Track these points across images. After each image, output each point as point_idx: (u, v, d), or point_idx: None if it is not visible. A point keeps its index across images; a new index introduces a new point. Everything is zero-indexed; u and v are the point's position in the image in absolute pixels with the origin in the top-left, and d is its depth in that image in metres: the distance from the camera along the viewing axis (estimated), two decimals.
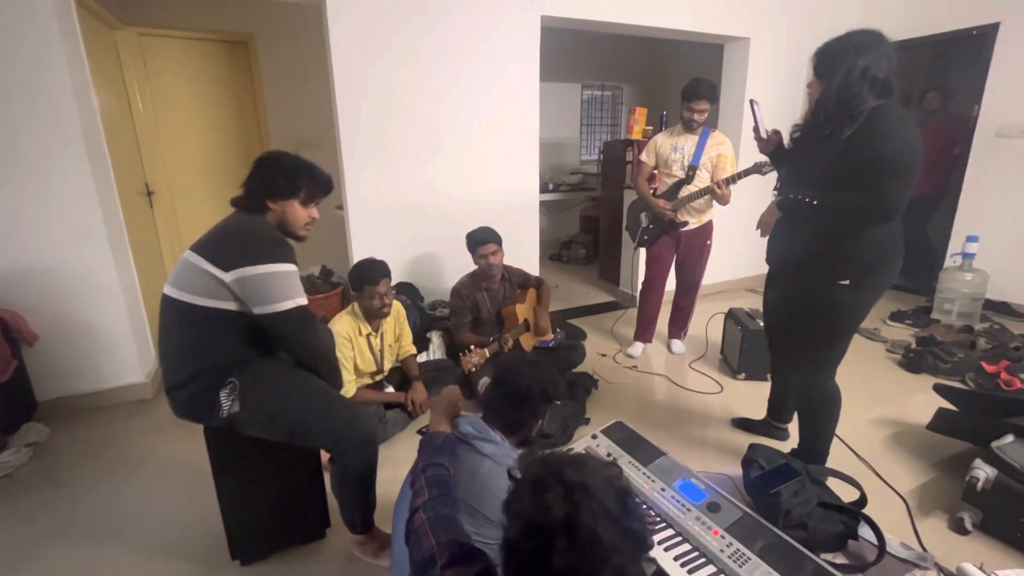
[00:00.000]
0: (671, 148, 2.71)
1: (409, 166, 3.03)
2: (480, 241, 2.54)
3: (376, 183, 2.96)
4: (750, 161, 2.41)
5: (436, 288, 3.26)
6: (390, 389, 2.40)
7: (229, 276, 1.29)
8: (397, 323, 2.38)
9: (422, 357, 2.65)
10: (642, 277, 3.04)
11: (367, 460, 1.48)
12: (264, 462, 1.50)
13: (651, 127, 4.00)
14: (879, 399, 2.52)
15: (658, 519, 1.46)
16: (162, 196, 3.56)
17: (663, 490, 1.54)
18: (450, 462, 1.09)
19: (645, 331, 3.09)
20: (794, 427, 2.03)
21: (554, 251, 5.64)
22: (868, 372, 2.82)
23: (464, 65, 3.03)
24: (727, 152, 2.65)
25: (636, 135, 3.94)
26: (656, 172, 2.84)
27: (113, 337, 2.48)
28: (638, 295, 3.16)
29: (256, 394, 1.36)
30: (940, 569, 1.48)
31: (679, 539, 1.40)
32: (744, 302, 3.59)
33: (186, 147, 3.66)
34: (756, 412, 2.30)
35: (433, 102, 3.00)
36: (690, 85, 2.55)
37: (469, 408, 1.34)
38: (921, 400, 2.45)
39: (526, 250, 3.48)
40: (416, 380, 2.38)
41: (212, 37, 3.65)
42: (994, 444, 1.70)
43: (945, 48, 4.20)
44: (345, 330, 2.15)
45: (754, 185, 2.68)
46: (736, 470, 1.83)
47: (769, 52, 3.85)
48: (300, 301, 1.35)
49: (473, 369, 2.32)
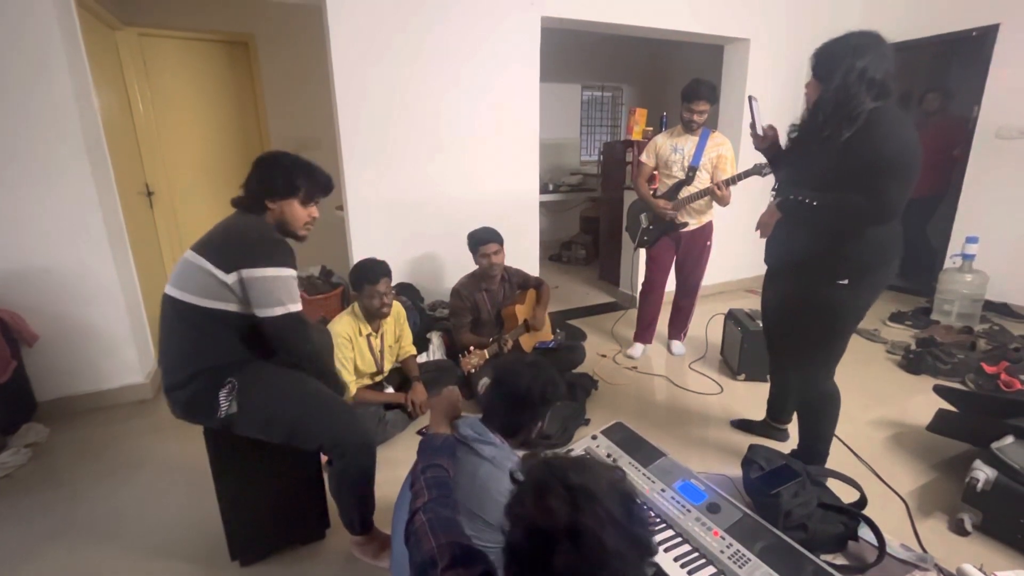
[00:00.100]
0: (671, 149, 2.71)
1: (409, 166, 3.03)
2: (482, 240, 2.55)
3: (376, 183, 2.96)
4: (750, 162, 2.40)
5: (436, 289, 3.26)
6: (390, 390, 2.40)
7: (231, 277, 1.30)
8: (397, 324, 2.38)
9: (422, 358, 2.65)
10: (642, 278, 3.04)
11: (365, 462, 1.48)
12: (264, 463, 1.50)
13: (651, 128, 4.01)
14: (879, 400, 2.52)
15: (658, 520, 1.46)
16: (162, 196, 3.56)
17: (663, 491, 1.54)
18: (450, 464, 1.08)
19: (645, 332, 3.09)
20: (794, 428, 2.04)
21: (554, 252, 5.64)
22: (868, 373, 2.82)
23: (464, 65, 3.03)
24: (727, 153, 2.65)
25: (636, 136, 3.94)
26: (656, 173, 2.84)
27: (113, 337, 2.48)
28: (638, 296, 3.16)
29: (254, 395, 1.36)
30: (940, 570, 1.48)
31: (679, 540, 1.40)
32: (744, 303, 3.59)
33: (186, 147, 3.66)
34: (756, 413, 2.30)
35: (433, 102, 3.00)
36: (690, 86, 2.55)
37: (469, 409, 1.34)
38: (921, 401, 2.45)
39: (526, 251, 3.48)
40: (416, 381, 2.38)
41: (212, 37, 3.65)
42: (994, 445, 1.70)
43: (945, 49, 4.21)
44: (345, 331, 2.15)
45: (754, 186, 2.68)
46: (736, 471, 1.83)
47: (769, 53, 3.86)
48: (292, 308, 1.35)
49: (473, 370, 2.32)
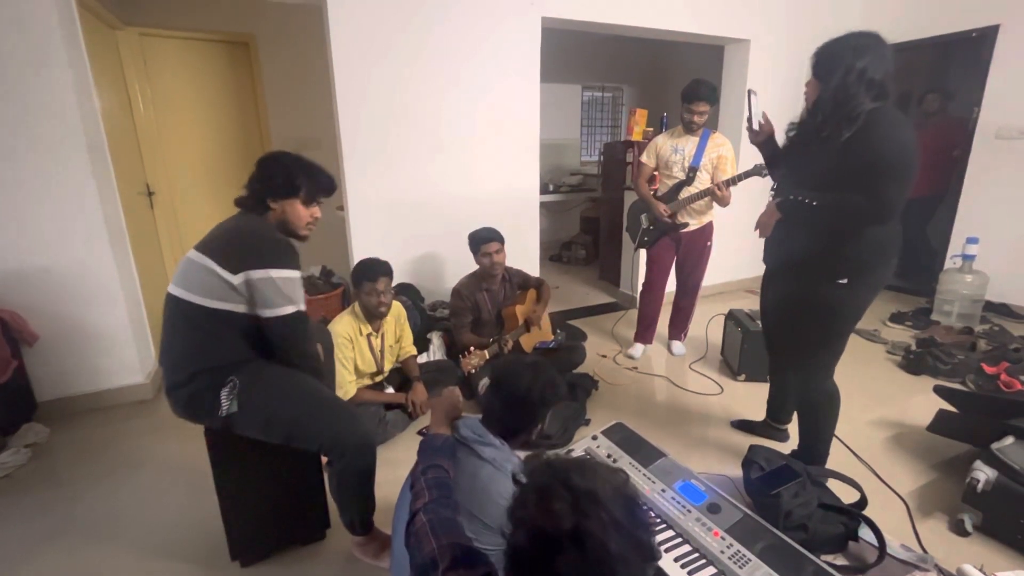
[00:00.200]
0: (671, 149, 2.71)
1: (410, 167, 3.03)
2: (483, 239, 2.55)
3: (376, 184, 2.96)
4: (751, 163, 2.41)
5: (436, 289, 3.26)
6: (390, 390, 2.40)
7: (238, 278, 1.31)
8: (398, 324, 2.38)
9: (422, 358, 2.65)
10: (642, 278, 3.04)
11: (365, 463, 1.47)
12: (264, 463, 1.50)
13: (651, 128, 4.01)
14: (879, 401, 2.52)
15: (658, 520, 1.46)
16: (163, 196, 3.55)
17: (663, 491, 1.54)
18: (450, 464, 1.08)
19: (645, 332, 3.09)
20: (794, 428, 2.03)
21: (554, 252, 5.64)
22: (868, 374, 2.82)
23: (464, 66, 3.03)
24: (727, 154, 2.65)
25: (636, 136, 3.94)
26: (656, 173, 2.84)
27: (113, 338, 2.47)
28: (638, 296, 3.16)
29: (255, 394, 1.37)
30: (940, 571, 1.48)
31: (679, 540, 1.40)
32: (744, 303, 3.59)
33: (187, 147, 3.66)
34: (756, 413, 2.30)
35: (434, 103, 3.00)
36: (690, 87, 2.55)
37: (469, 409, 1.34)
38: (921, 401, 2.45)
39: (526, 251, 3.48)
40: (416, 381, 2.38)
41: (213, 37, 3.65)
42: (994, 446, 1.70)
43: (945, 50, 4.21)
44: (346, 330, 2.14)
45: (754, 187, 2.68)
46: (736, 471, 1.83)
47: (769, 54, 3.86)
48: (298, 308, 1.39)
49: (473, 370, 2.32)
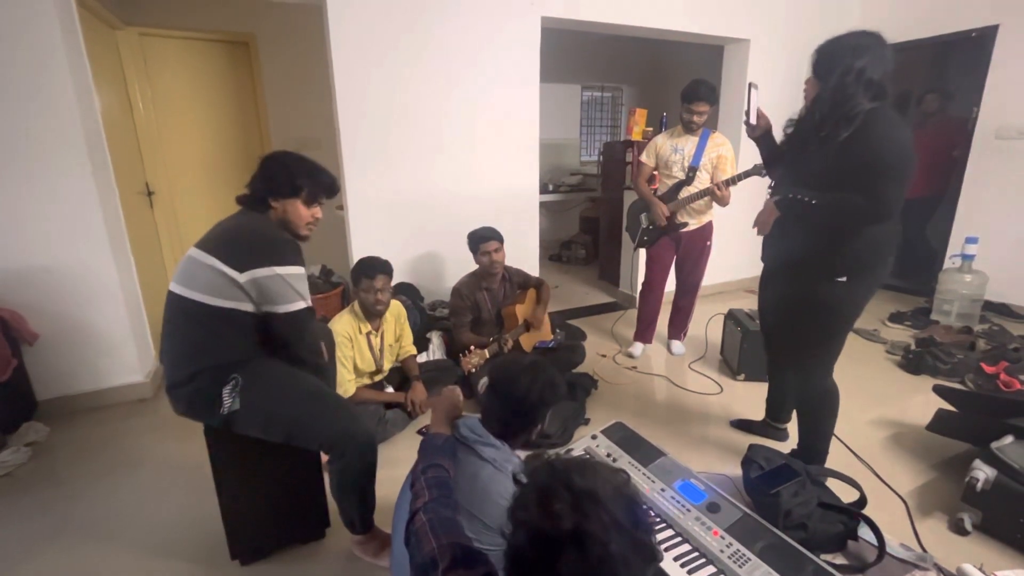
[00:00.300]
0: (671, 149, 2.71)
1: (409, 166, 3.03)
2: (483, 238, 2.55)
3: (376, 183, 2.96)
4: (750, 162, 2.41)
5: (436, 288, 3.26)
6: (390, 389, 2.40)
7: (244, 277, 1.31)
8: (398, 323, 2.39)
9: (422, 357, 2.65)
10: (642, 278, 3.04)
11: (366, 461, 1.47)
12: (264, 462, 1.50)
13: (651, 128, 4.01)
14: (879, 400, 2.52)
15: (658, 519, 1.46)
16: (162, 196, 3.55)
17: (663, 490, 1.54)
18: (451, 464, 1.08)
19: (645, 332, 3.09)
20: (793, 427, 2.04)
21: (554, 252, 5.64)
22: (868, 373, 2.82)
23: (464, 65, 3.03)
24: (727, 153, 2.65)
25: (636, 136, 3.94)
26: (656, 173, 2.84)
27: (112, 337, 2.47)
28: (638, 296, 3.16)
29: (255, 393, 1.37)
30: (940, 570, 1.48)
31: (679, 539, 1.40)
32: (743, 303, 3.59)
33: (187, 147, 3.66)
34: (755, 413, 2.30)
35: (433, 102, 3.00)
36: (690, 87, 2.55)
37: (469, 409, 1.34)
38: (920, 401, 2.45)
39: (526, 250, 3.48)
40: (416, 380, 2.38)
41: (213, 37, 3.65)
42: (993, 445, 1.70)
43: (944, 50, 4.21)
44: (345, 329, 2.15)
45: (754, 186, 2.68)
46: (736, 470, 1.83)
47: (769, 54, 3.86)
48: (305, 304, 1.40)
49: (473, 370, 2.32)
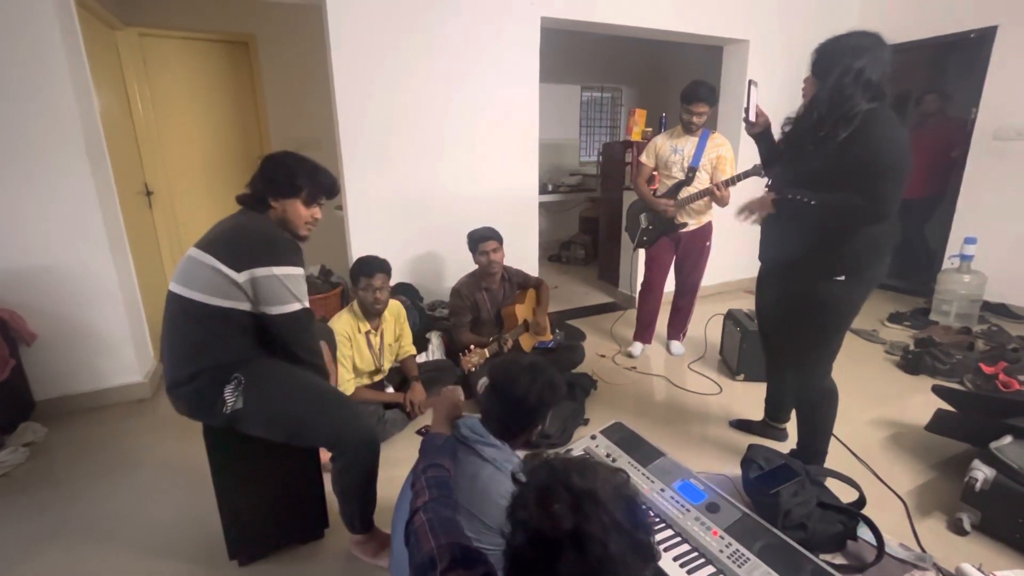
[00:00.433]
0: (671, 150, 2.71)
1: (409, 167, 3.03)
2: (482, 238, 2.56)
3: (376, 183, 2.96)
4: (750, 163, 2.41)
5: (436, 289, 3.26)
6: (390, 389, 2.40)
7: (242, 276, 1.31)
8: (397, 323, 2.38)
9: (421, 357, 2.65)
10: (641, 278, 3.04)
11: (368, 460, 1.47)
12: (263, 462, 1.49)
13: (650, 129, 4.01)
14: (878, 400, 2.52)
15: (657, 519, 1.46)
16: (162, 196, 3.55)
17: (662, 491, 1.54)
18: (451, 464, 1.08)
19: (644, 332, 3.10)
20: (793, 428, 2.04)
21: (553, 252, 5.64)
22: (867, 373, 2.82)
23: (463, 66, 3.03)
24: (727, 154, 2.66)
25: (635, 136, 3.94)
26: (656, 174, 2.84)
27: (111, 337, 2.47)
28: (637, 296, 3.16)
29: (258, 392, 1.37)
30: (939, 570, 1.48)
31: (678, 539, 1.40)
32: (743, 303, 3.58)
33: (186, 147, 3.65)
34: (755, 413, 2.30)
35: (432, 103, 3.00)
36: (689, 87, 2.56)
37: (468, 409, 1.34)
38: (920, 401, 2.45)
39: (526, 251, 3.48)
40: (415, 380, 2.38)
41: (213, 37, 3.65)
42: (992, 445, 1.70)
43: (943, 51, 4.22)
44: (345, 329, 2.15)
45: (754, 186, 2.67)
46: (735, 471, 1.83)
47: (768, 55, 3.86)
48: (303, 305, 1.40)
49: (472, 369, 2.32)
